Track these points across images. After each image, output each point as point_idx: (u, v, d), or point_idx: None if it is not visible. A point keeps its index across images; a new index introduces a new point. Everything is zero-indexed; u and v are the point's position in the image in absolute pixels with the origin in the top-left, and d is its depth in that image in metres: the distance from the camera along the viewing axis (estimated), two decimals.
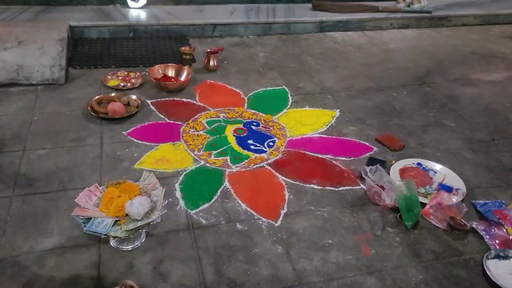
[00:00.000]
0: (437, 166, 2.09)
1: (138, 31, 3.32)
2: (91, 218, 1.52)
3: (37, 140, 2.12)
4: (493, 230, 1.72)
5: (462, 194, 1.90)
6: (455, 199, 1.81)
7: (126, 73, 2.76)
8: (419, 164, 2.10)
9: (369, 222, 1.77)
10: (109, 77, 2.71)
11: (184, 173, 1.97)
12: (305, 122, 2.42)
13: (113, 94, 2.47)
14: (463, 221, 1.73)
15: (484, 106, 2.69)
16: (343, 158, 2.14)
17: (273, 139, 2.26)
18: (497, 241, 1.68)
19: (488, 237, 1.70)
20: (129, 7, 3.48)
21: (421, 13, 3.88)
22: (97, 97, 2.44)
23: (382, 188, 1.84)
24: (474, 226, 1.74)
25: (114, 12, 3.43)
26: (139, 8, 3.50)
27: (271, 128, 2.35)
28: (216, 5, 3.73)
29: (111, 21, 3.28)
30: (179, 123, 2.33)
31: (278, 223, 1.74)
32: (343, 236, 1.70)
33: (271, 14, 3.64)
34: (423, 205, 1.81)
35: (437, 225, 1.75)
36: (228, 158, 2.10)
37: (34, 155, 2.02)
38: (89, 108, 2.33)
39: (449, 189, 1.93)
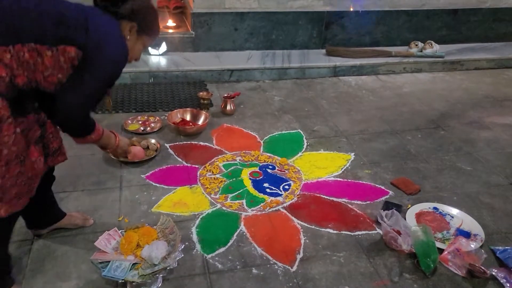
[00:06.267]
0: (454, 211, 2.07)
1: (158, 77, 3.46)
2: (109, 261, 1.55)
3: (59, 183, 2.18)
4: None
5: (481, 240, 1.88)
6: (473, 245, 1.79)
7: (146, 117, 2.86)
8: (435, 208, 2.09)
9: (386, 267, 1.75)
10: (129, 121, 2.80)
11: (200, 217, 2.00)
12: (320, 165, 2.45)
13: (133, 138, 2.55)
14: (483, 268, 1.69)
15: (500, 150, 2.68)
16: (359, 202, 2.14)
17: (288, 183, 2.28)
18: None
19: (508, 285, 1.66)
20: (150, 54, 3.64)
21: (433, 57, 3.96)
22: None
23: (399, 233, 1.83)
24: (494, 273, 1.70)
25: None
26: (159, 55, 3.66)
27: (286, 171, 2.38)
28: (233, 52, 3.88)
29: (132, 68, 3.41)
30: (196, 166, 2.39)
31: (294, 268, 1.73)
32: (359, 282, 1.68)
33: (286, 59, 3.77)
34: (441, 250, 1.78)
35: (456, 272, 1.72)
36: (244, 201, 2.12)
37: (56, 198, 2.07)
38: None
39: (467, 235, 1.90)
